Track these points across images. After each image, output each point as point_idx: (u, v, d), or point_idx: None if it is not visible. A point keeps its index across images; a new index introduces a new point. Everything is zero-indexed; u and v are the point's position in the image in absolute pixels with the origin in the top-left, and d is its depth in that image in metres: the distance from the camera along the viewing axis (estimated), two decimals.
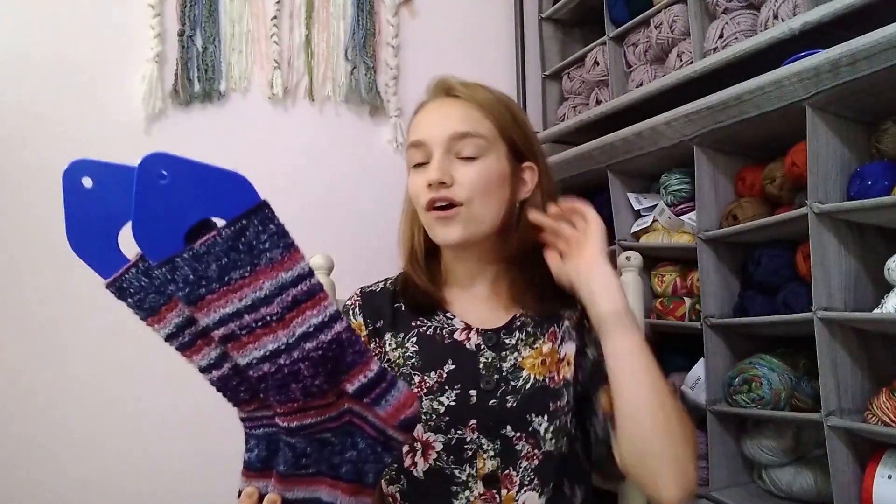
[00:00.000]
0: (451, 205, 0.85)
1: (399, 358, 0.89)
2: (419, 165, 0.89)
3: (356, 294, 0.97)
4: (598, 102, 1.63)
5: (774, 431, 1.19)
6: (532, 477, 0.82)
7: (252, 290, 0.48)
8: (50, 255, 1.35)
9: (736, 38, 1.25)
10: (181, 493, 1.42)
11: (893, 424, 0.96)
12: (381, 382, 0.57)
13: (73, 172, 0.52)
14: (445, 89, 0.92)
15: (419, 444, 0.83)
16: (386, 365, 0.88)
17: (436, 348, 0.88)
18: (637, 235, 1.47)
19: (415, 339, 0.89)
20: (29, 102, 1.35)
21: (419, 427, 0.83)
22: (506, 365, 0.86)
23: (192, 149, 1.68)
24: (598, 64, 1.63)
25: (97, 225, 0.53)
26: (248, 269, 0.48)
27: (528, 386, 0.84)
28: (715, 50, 1.29)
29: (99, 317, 1.38)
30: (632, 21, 1.51)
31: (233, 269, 0.48)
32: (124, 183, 0.51)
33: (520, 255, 0.91)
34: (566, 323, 0.90)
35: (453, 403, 0.84)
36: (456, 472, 0.82)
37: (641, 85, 1.49)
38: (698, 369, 1.29)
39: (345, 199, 1.61)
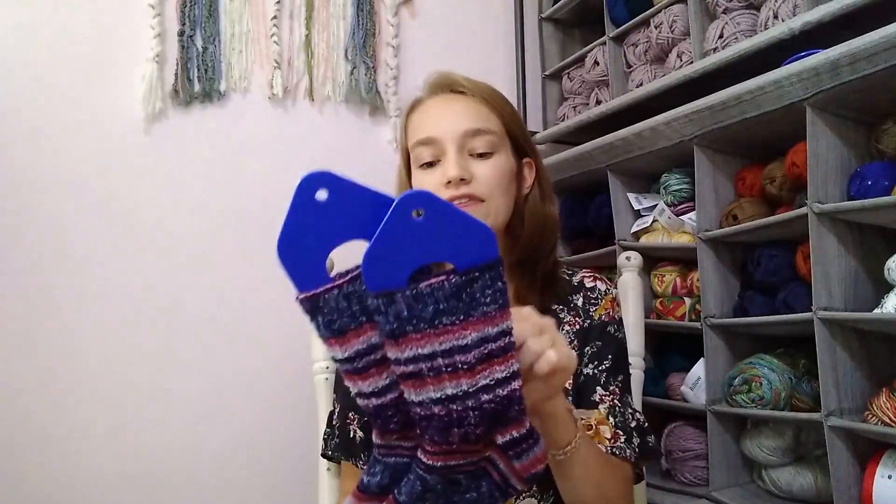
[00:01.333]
0: (471, 200, 0.84)
1: None
2: (428, 165, 0.87)
3: None
4: (598, 102, 1.63)
5: (774, 431, 1.19)
6: (531, 483, 0.81)
7: (456, 338, 0.49)
8: (49, 257, 1.35)
9: (736, 38, 1.25)
10: (202, 481, 1.43)
11: (893, 424, 0.96)
12: (529, 439, 0.57)
13: (311, 182, 0.51)
14: (449, 85, 0.91)
15: None
16: None
17: None
18: (637, 235, 1.47)
19: None
20: (28, 102, 1.35)
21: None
22: None
23: (192, 149, 1.70)
24: (598, 64, 1.63)
25: (315, 239, 0.53)
26: (462, 317, 0.49)
27: None
28: (715, 50, 1.29)
29: (94, 321, 1.39)
30: (632, 21, 1.51)
31: (447, 314, 0.48)
32: (358, 202, 0.50)
33: (525, 253, 0.90)
34: (567, 328, 0.90)
35: None
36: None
37: (641, 85, 1.49)
38: (698, 369, 1.29)
39: None
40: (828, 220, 1.06)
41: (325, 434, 0.95)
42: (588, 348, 0.89)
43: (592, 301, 0.93)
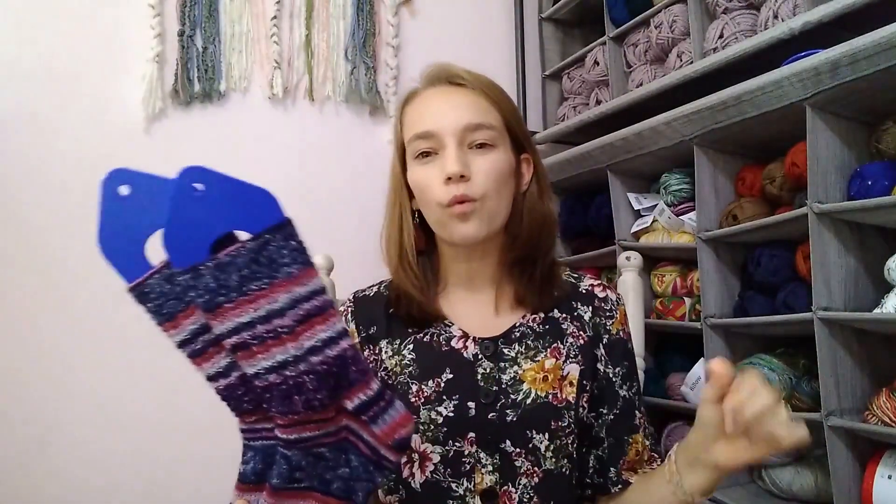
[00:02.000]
0: (470, 200, 0.81)
1: (396, 366, 0.86)
2: (425, 155, 0.84)
3: (349, 299, 0.94)
4: (598, 102, 1.63)
5: None
6: (531, 495, 0.80)
7: (267, 302, 0.50)
8: (50, 255, 1.36)
9: (736, 38, 1.25)
10: (178, 493, 1.42)
11: (893, 424, 0.96)
12: (380, 401, 0.58)
13: (112, 180, 0.54)
14: (447, 77, 0.87)
15: (416, 454, 0.81)
16: (383, 374, 0.86)
17: (433, 356, 0.85)
18: (637, 235, 1.47)
19: (411, 347, 0.86)
20: (29, 102, 1.35)
21: (417, 437, 0.80)
22: (505, 377, 0.82)
23: (192, 149, 1.70)
24: (598, 64, 1.63)
25: (128, 231, 0.55)
26: (267, 281, 0.50)
27: (528, 401, 0.81)
28: (715, 50, 1.29)
29: (94, 320, 1.39)
30: (632, 21, 1.51)
31: (252, 280, 0.50)
32: (159, 193, 0.53)
33: (523, 251, 0.87)
34: (570, 340, 0.86)
35: (451, 414, 0.81)
36: (453, 485, 0.80)
37: (641, 85, 1.49)
38: (698, 369, 1.29)
39: (345, 199, 1.61)
40: (828, 220, 1.06)
41: None
42: (619, 368, 0.87)
43: (607, 313, 0.89)
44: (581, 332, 0.87)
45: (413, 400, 0.82)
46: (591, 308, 0.89)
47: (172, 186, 0.48)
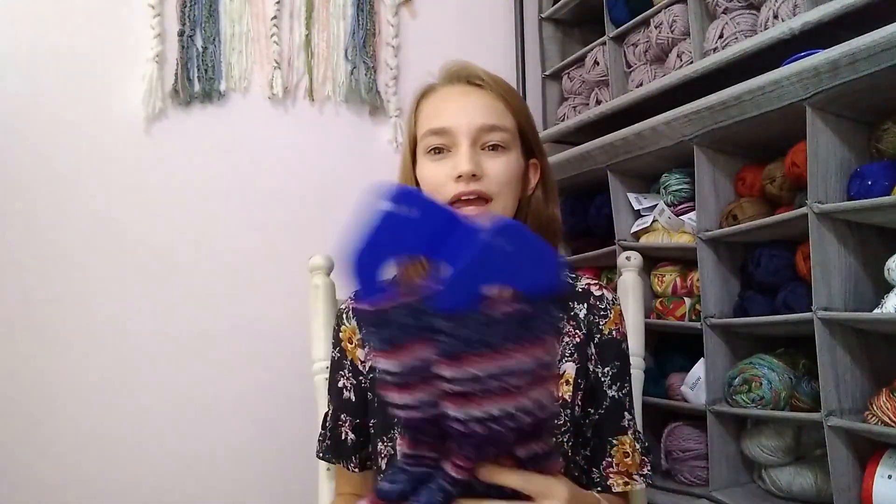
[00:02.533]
0: (479, 198, 0.82)
1: None
2: (437, 152, 0.85)
3: (350, 298, 0.95)
4: (598, 102, 1.63)
5: (774, 431, 1.19)
6: None
7: (514, 362, 0.50)
8: (50, 257, 1.36)
9: (736, 38, 1.25)
10: (200, 481, 1.43)
11: (893, 424, 0.96)
12: (550, 454, 0.60)
13: (390, 196, 0.52)
14: (467, 76, 0.88)
15: None
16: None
17: None
18: (637, 235, 1.47)
19: None
20: (29, 102, 1.35)
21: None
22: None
23: (192, 149, 1.70)
24: (598, 64, 1.63)
25: (387, 251, 0.52)
26: (525, 343, 0.50)
27: None
28: (715, 50, 1.29)
29: (94, 319, 1.39)
30: (632, 21, 1.51)
31: (512, 340, 0.49)
32: (431, 219, 0.51)
33: None
34: (566, 339, 0.87)
35: None
36: None
37: (641, 85, 1.49)
38: (698, 369, 1.29)
39: (345, 198, 1.60)
40: (828, 220, 1.06)
41: (319, 435, 0.95)
42: (609, 368, 0.87)
43: (601, 312, 0.89)
44: (577, 331, 0.88)
45: None
46: (586, 306, 0.89)
47: (466, 231, 0.47)
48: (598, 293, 0.91)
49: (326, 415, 0.94)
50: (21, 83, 1.35)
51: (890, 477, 0.99)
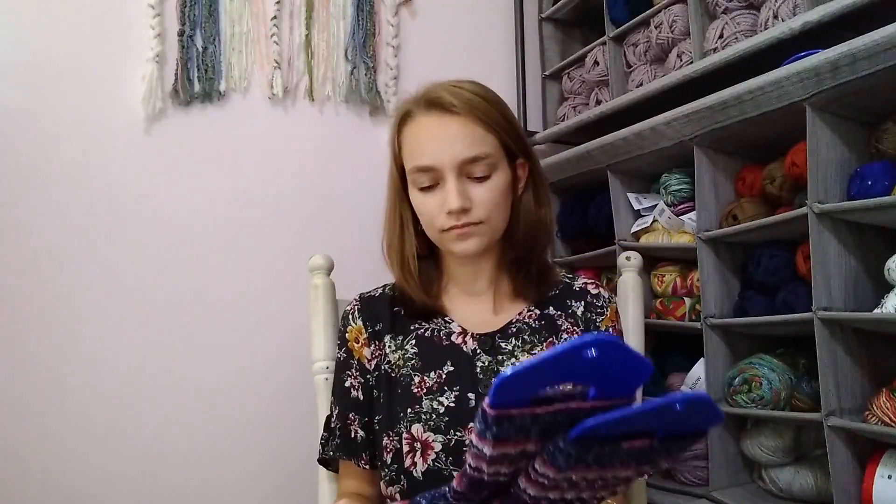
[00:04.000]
0: (471, 226, 0.86)
1: (399, 360, 0.90)
2: (427, 188, 0.88)
3: (355, 299, 0.97)
4: (598, 102, 1.63)
5: (774, 431, 1.19)
6: None
7: (615, 474, 0.50)
8: (48, 257, 1.36)
9: (736, 38, 1.25)
10: (201, 482, 1.43)
11: (893, 424, 0.96)
12: None
13: (589, 343, 0.47)
14: (441, 105, 0.87)
15: (419, 443, 0.84)
16: (386, 367, 0.90)
17: (434, 349, 0.89)
18: (637, 235, 1.47)
19: (414, 341, 0.91)
20: (29, 102, 1.35)
21: (419, 426, 0.84)
22: (503, 369, 0.84)
23: (192, 149, 1.70)
24: (598, 64, 1.63)
25: (548, 381, 0.49)
26: (633, 466, 0.49)
27: None
28: (715, 50, 1.29)
29: (94, 321, 1.39)
30: (632, 21, 1.51)
31: (622, 464, 0.48)
32: (618, 366, 0.48)
33: (518, 251, 0.92)
34: (565, 336, 0.90)
35: (452, 404, 0.84)
36: (454, 473, 0.81)
37: (641, 85, 1.49)
38: (698, 369, 1.29)
39: (345, 198, 1.61)
40: (828, 220, 1.06)
41: (322, 438, 0.96)
42: None
43: (597, 309, 0.93)
44: (575, 328, 0.91)
45: (416, 390, 0.86)
46: (583, 303, 0.93)
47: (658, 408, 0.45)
48: (594, 291, 0.95)
49: (329, 417, 0.95)
50: (21, 83, 1.35)
51: (890, 477, 0.99)
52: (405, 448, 0.84)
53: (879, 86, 0.99)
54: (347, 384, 0.93)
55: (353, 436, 0.91)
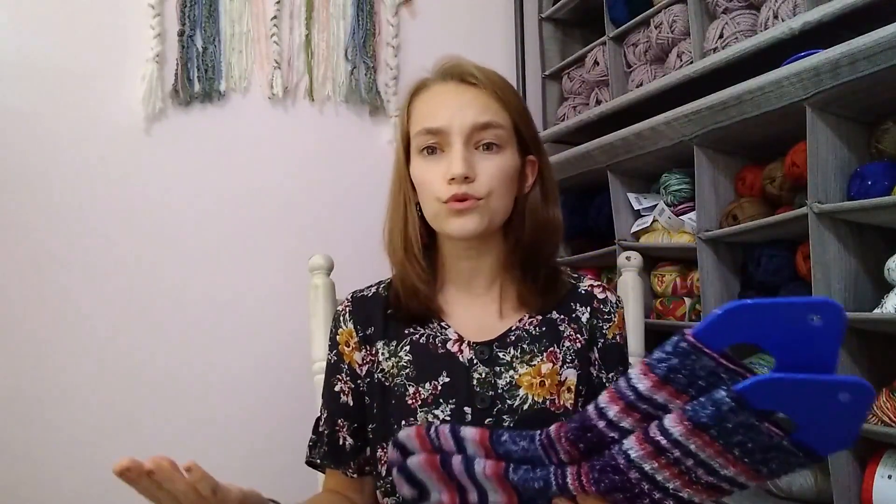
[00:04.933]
0: (470, 199, 0.80)
1: (393, 368, 0.85)
2: (431, 151, 0.83)
3: (347, 299, 0.92)
4: (598, 102, 1.63)
5: None
6: None
7: (722, 464, 0.51)
8: (48, 257, 1.36)
9: (736, 38, 1.25)
10: None
11: (893, 424, 0.96)
12: None
13: (818, 307, 0.49)
14: (460, 74, 0.85)
15: None
16: (379, 375, 0.85)
17: (429, 358, 0.84)
18: (637, 235, 1.47)
19: (408, 348, 0.85)
20: (29, 102, 1.35)
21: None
22: (501, 382, 0.81)
23: (192, 149, 1.70)
24: (598, 64, 1.63)
25: (760, 329, 0.51)
26: (746, 460, 0.50)
27: (525, 406, 0.80)
28: (715, 50, 1.29)
29: (94, 320, 1.39)
30: (632, 21, 1.51)
31: (742, 451, 0.50)
32: (823, 342, 0.50)
33: (525, 254, 0.86)
34: (567, 344, 0.85)
35: (448, 418, 0.80)
36: None
37: (641, 85, 1.49)
38: None
39: (345, 198, 1.61)
40: (828, 220, 1.06)
41: (310, 441, 0.92)
42: (613, 374, 0.86)
43: (604, 316, 0.87)
44: (578, 336, 0.85)
45: (410, 402, 0.82)
46: (589, 309, 0.87)
47: (830, 377, 0.47)
48: (601, 296, 0.89)
49: (318, 420, 0.92)
50: (21, 83, 1.35)
51: (890, 477, 0.99)
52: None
53: (879, 86, 0.99)
54: (337, 388, 0.89)
55: (340, 443, 0.87)
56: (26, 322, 1.33)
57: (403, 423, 0.81)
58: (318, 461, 0.90)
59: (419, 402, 0.82)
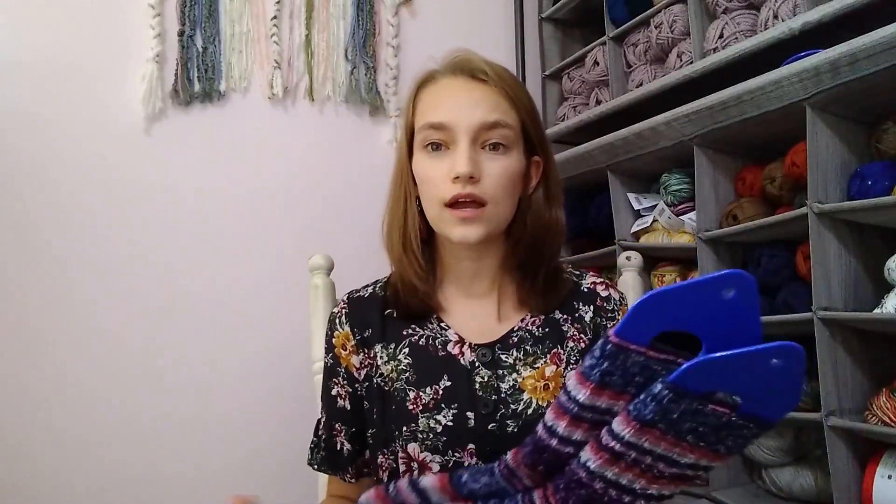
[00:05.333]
0: (474, 202, 0.78)
1: (392, 372, 0.83)
2: (435, 148, 0.80)
3: (343, 301, 0.90)
4: (598, 102, 1.63)
5: (774, 431, 1.19)
6: None
7: (680, 454, 0.50)
8: (49, 257, 1.36)
9: (736, 38, 1.25)
10: (199, 480, 1.43)
11: (893, 424, 0.96)
12: None
13: (727, 279, 0.49)
14: (470, 70, 0.82)
15: (416, 463, 0.78)
16: (378, 380, 0.84)
17: (430, 361, 0.82)
18: (637, 235, 1.47)
19: (407, 351, 0.84)
20: (29, 102, 1.35)
21: (415, 445, 0.79)
22: (504, 386, 0.80)
23: (192, 149, 1.70)
24: (598, 64, 1.63)
25: (677, 314, 0.51)
26: (703, 444, 0.50)
27: (529, 411, 0.79)
28: (715, 50, 1.29)
29: (95, 320, 1.39)
30: (632, 21, 1.51)
31: (698, 437, 0.49)
32: (738, 317, 0.49)
33: (526, 255, 0.85)
34: (570, 344, 0.83)
35: (450, 424, 0.78)
36: None
37: (641, 85, 1.49)
38: None
39: (345, 198, 1.61)
40: (828, 220, 1.06)
41: (311, 443, 0.91)
42: None
43: (608, 314, 0.86)
44: (581, 335, 0.84)
45: (411, 407, 0.80)
46: (592, 307, 0.86)
47: (757, 347, 0.46)
48: (604, 293, 0.87)
49: (319, 422, 0.91)
50: (21, 83, 1.35)
51: (890, 477, 0.99)
52: (402, 468, 0.79)
53: (879, 86, 0.99)
54: (334, 392, 0.87)
55: (338, 448, 0.86)
56: (27, 321, 1.33)
57: (405, 428, 0.80)
58: (317, 466, 0.89)
59: (420, 408, 0.80)
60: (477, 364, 0.82)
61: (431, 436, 0.78)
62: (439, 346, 0.83)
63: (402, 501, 0.60)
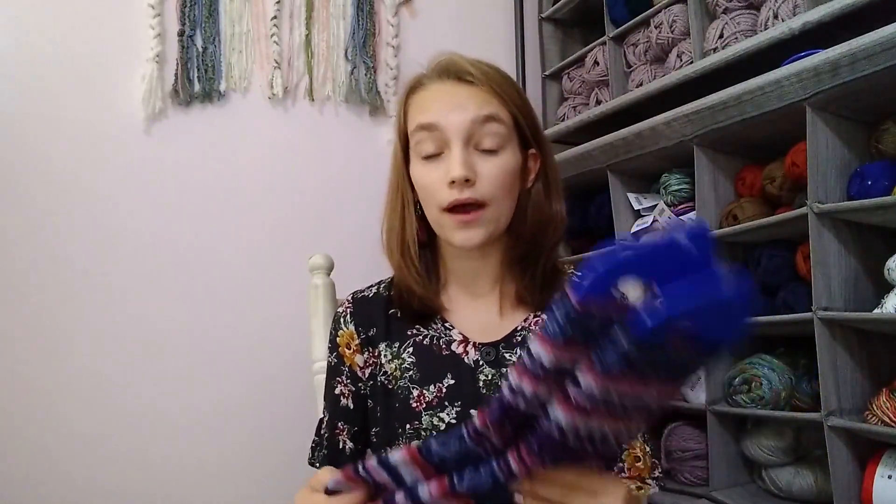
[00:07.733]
0: (473, 204, 0.79)
1: (396, 370, 0.84)
2: (430, 157, 0.81)
3: (347, 300, 0.91)
4: (598, 102, 1.63)
5: (774, 431, 1.19)
6: None
7: (648, 395, 0.51)
8: (51, 254, 1.36)
9: (736, 38, 1.25)
10: (199, 481, 1.43)
11: (893, 424, 0.96)
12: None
13: (690, 235, 0.50)
14: (456, 72, 0.83)
15: None
16: (382, 378, 0.84)
17: (434, 360, 0.83)
18: (637, 235, 1.47)
19: (411, 350, 0.84)
20: (29, 102, 1.35)
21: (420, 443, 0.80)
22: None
23: (192, 149, 1.70)
24: (598, 64, 1.63)
25: (639, 273, 0.51)
26: (668, 382, 0.51)
27: None
28: (715, 50, 1.29)
29: (101, 315, 1.39)
30: (632, 21, 1.51)
31: (664, 375, 0.50)
32: (694, 266, 0.49)
33: (525, 249, 0.85)
34: None
35: (454, 422, 0.79)
36: None
37: (641, 85, 1.49)
38: None
39: (345, 198, 1.61)
40: (828, 220, 1.06)
41: (313, 442, 0.91)
42: None
43: None
44: None
45: (414, 405, 0.81)
46: None
47: (712, 282, 0.47)
48: None
49: (321, 421, 0.91)
50: (21, 83, 1.35)
51: (890, 477, 0.99)
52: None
53: (879, 86, 0.99)
54: (337, 391, 0.88)
55: (340, 447, 0.87)
56: (23, 322, 1.33)
57: (408, 426, 0.80)
58: (318, 465, 0.89)
59: (423, 405, 0.81)
60: (481, 363, 0.82)
61: (434, 433, 0.79)
62: (443, 346, 0.84)
63: (374, 480, 0.60)
